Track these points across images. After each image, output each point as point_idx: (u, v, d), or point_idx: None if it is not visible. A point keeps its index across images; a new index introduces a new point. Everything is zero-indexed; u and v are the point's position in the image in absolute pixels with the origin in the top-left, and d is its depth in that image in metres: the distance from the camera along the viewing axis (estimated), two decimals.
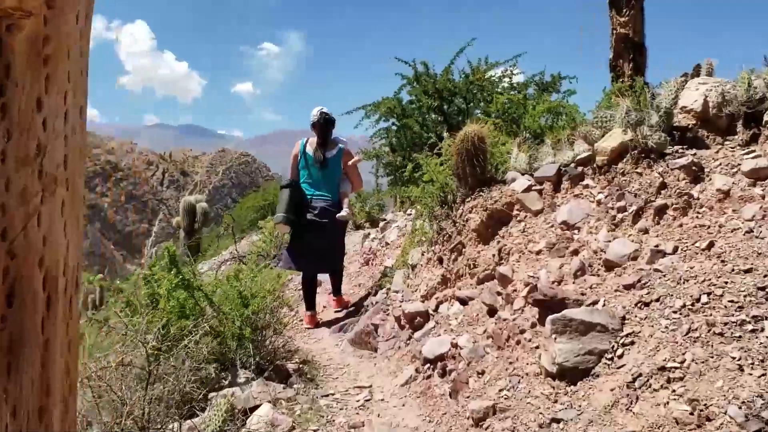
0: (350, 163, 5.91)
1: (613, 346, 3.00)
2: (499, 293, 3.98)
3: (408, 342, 4.40)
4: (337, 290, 6.15)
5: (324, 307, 6.26)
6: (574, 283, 3.66)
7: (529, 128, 6.86)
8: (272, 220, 6.31)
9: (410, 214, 7.54)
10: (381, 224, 8.07)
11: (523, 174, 4.69)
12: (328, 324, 5.73)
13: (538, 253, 4.03)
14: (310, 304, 5.94)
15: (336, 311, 6.06)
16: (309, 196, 5.79)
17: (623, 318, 3.10)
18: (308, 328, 5.75)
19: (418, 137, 7.51)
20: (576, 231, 4.00)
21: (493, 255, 4.28)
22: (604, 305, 3.29)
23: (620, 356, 2.95)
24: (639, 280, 3.33)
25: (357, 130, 8.44)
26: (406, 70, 7.75)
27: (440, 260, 4.76)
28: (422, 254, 5.06)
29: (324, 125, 5.83)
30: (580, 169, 4.35)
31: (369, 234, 7.59)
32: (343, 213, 5.77)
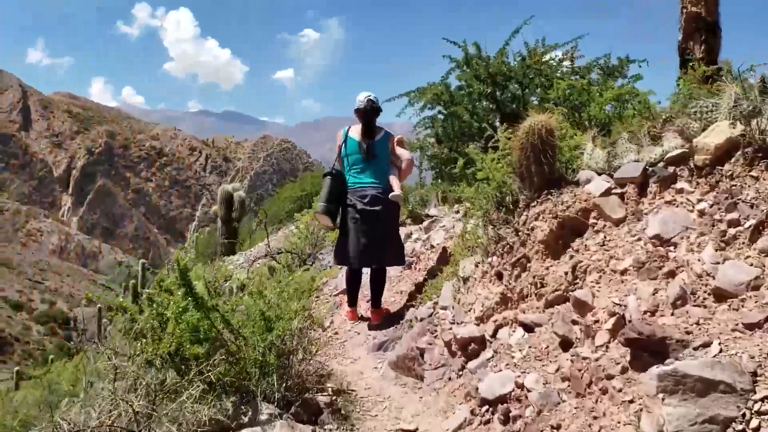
0: (396, 141, 5.59)
1: (743, 414, 2.25)
2: (575, 322, 3.26)
3: (460, 373, 3.72)
4: (377, 301, 5.54)
5: (360, 316, 5.61)
6: (672, 314, 2.92)
7: (595, 118, 6.05)
8: (310, 212, 5.79)
9: (457, 212, 6.83)
10: (425, 222, 7.37)
11: (599, 174, 3.93)
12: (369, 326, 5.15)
13: (623, 273, 3.29)
14: (353, 299, 5.65)
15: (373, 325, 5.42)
16: (356, 185, 5.39)
17: (754, 373, 2.35)
18: (351, 322, 5.55)
19: (467, 127, 6.76)
20: (672, 247, 3.24)
21: (566, 273, 3.55)
22: (721, 350, 2.54)
23: (756, 429, 2.21)
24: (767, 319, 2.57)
25: (399, 118, 7.75)
26: (456, 52, 7.02)
27: (499, 275, 4.04)
28: (476, 266, 4.35)
29: (370, 112, 5.45)
30: (671, 169, 3.56)
31: (411, 234, 6.89)
32: (396, 192, 5.35)
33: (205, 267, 13.21)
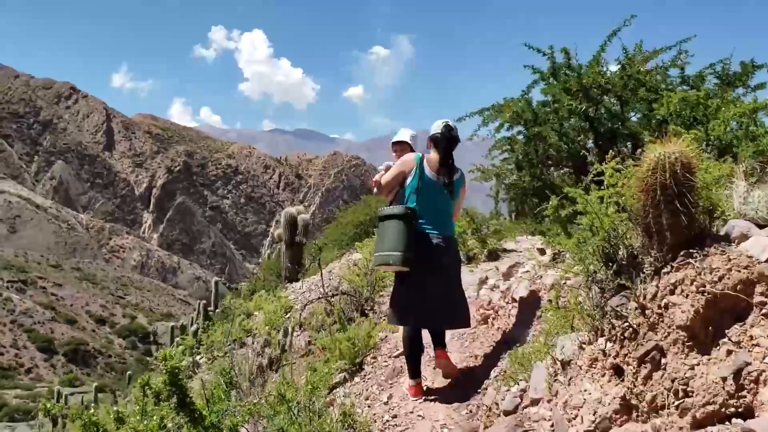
0: (464, 193, 4.82)
1: None
2: None
3: None
4: (442, 342, 4.73)
5: (426, 389, 4.52)
6: None
7: (718, 139, 4.79)
8: (375, 258, 4.63)
9: (542, 251, 5.66)
10: (502, 262, 6.25)
11: (760, 226, 2.76)
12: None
13: None
14: (416, 370, 4.61)
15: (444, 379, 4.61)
16: (424, 230, 4.51)
17: None
18: (415, 400, 4.45)
19: (555, 150, 5.61)
20: None
21: (724, 379, 2.38)
22: None
23: None
24: None
25: (470, 141, 6.55)
26: (539, 61, 5.85)
27: (617, 369, 2.90)
28: (580, 347, 3.21)
29: (450, 141, 4.63)
30: None
31: (487, 279, 5.78)
32: None
33: (268, 297, 12.40)
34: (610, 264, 3.33)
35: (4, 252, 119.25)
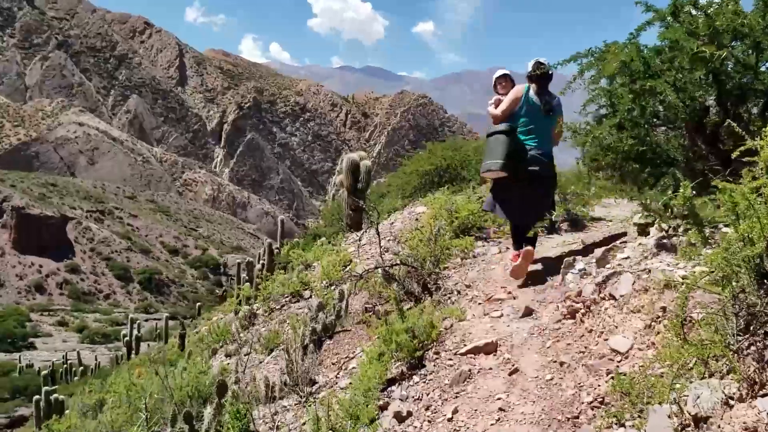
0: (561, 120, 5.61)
1: None
2: None
3: None
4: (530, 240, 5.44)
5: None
6: None
7: None
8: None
9: (645, 230, 4.65)
10: (590, 233, 5.28)
11: None
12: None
13: None
14: (519, 245, 5.55)
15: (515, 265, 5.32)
16: (526, 144, 5.42)
17: None
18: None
19: (671, 109, 4.49)
20: None
21: None
22: None
23: None
24: None
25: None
26: None
27: None
28: (726, 402, 2.32)
29: (541, 77, 5.43)
30: None
31: (574, 263, 4.84)
32: None
33: (327, 247, 11.77)
34: (764, 281, 2.41)
35: (84, 183, 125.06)
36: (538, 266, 5.65)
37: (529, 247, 5.36)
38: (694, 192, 3.19)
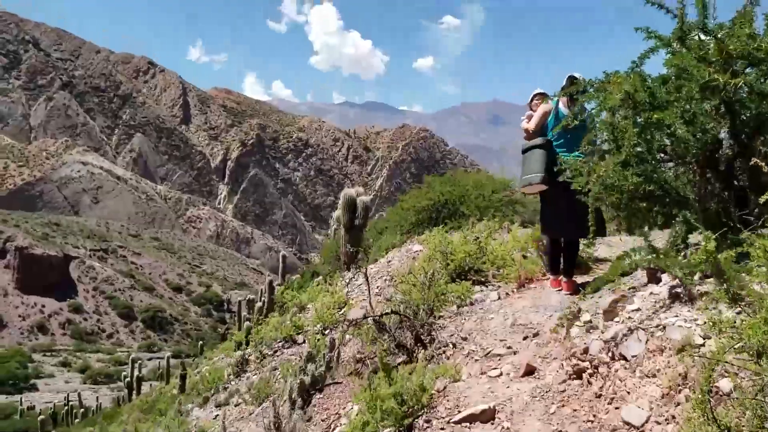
0: None
1: None
2: None
3: None
4: (572, 269, 5.71)
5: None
6: None
7: None
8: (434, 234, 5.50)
9: (656, 276, 4.19)
10: (599, 292, 4.82)
11: None
12: None
13: None
14: (555, 269, 5.87)
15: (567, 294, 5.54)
16: (559, 155, 5.47)
17: None
18: (559, 290, 5.72)
19: (680, 143, 4.06)
20: None
21: None
22: None
23: None
24: None
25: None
26: (660, 23, 4.20)
27: None
28: None
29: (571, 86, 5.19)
30: None
31: (579, 313, 4.36)
32: None
33: (322, 288, 11.26)
34: None
35: (88, 221, 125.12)
36: (540, 313, 5.19)
37: (571, 280, 5.67)
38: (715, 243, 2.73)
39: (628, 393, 3.30)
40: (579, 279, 5.88)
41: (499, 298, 6.00)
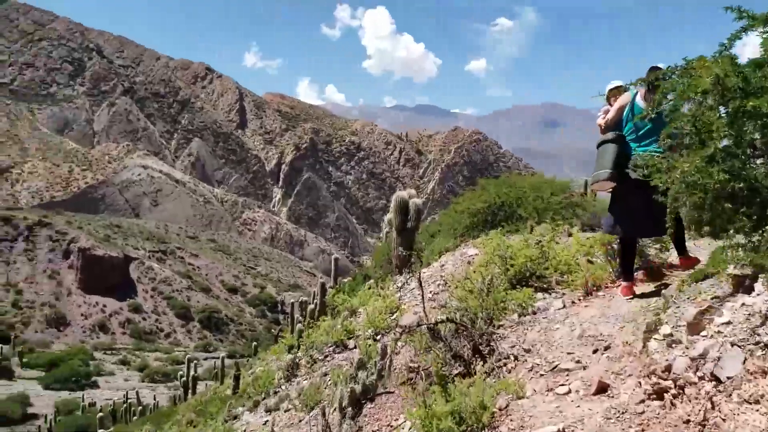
0: None
1: None
2: None
3: None
4: (683, 246, 5.55)
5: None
6: None
7: None
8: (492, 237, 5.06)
9: (749, 286, 3.70)
10: (673, 289, 4.34)
11: None
12: None
13: None
14: (630, 274, 5.44)
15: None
16: (634, 150, 5.35)
17: None
18: (630, 299, 5.22)
19: None
20: None
21: None
22: None
23: None
24: None
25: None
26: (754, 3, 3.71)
27: None
28: None
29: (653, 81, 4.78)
30: None
31: (659, 325, 3.91)
32: None
33: (374, 292, 10.96)
34: None
35: (147, 224, 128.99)
36: (610, 323, 4.74)
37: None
38: None
39: (724, 420, 2.86)
40: (650, 286, 5.40)
41: (564, 306, 5.55)
